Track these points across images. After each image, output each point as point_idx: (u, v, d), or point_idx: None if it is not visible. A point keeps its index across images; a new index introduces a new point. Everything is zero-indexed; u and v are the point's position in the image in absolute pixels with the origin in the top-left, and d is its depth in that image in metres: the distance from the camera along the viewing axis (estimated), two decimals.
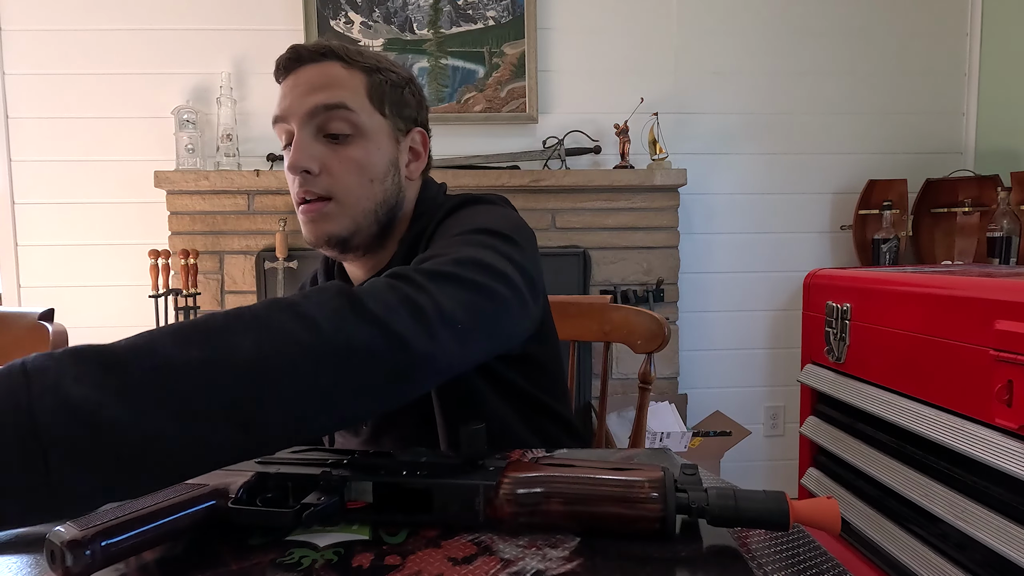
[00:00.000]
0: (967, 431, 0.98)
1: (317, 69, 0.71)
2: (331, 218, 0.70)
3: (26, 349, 0.96)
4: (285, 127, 0.72)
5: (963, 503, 0.96)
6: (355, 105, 0.70)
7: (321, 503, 0.42)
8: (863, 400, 1.30)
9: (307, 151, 0.69)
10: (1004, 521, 0.91)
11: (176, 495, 0.42)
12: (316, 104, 0.69)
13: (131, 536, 0.37)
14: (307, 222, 0.71)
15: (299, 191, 0.70)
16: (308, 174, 0.69)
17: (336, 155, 0.70)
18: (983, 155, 2.28)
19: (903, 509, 1.18)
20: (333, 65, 0.72)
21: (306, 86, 0.70)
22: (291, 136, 0.71)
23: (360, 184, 0.71)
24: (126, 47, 2.11)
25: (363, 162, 0.71)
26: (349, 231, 0.71)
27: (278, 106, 0.72)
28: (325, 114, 0.69)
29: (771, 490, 0.42)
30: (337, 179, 0.70)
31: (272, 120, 0.73)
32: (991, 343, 0.86)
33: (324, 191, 0.70)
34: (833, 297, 1.39)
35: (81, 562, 0.35)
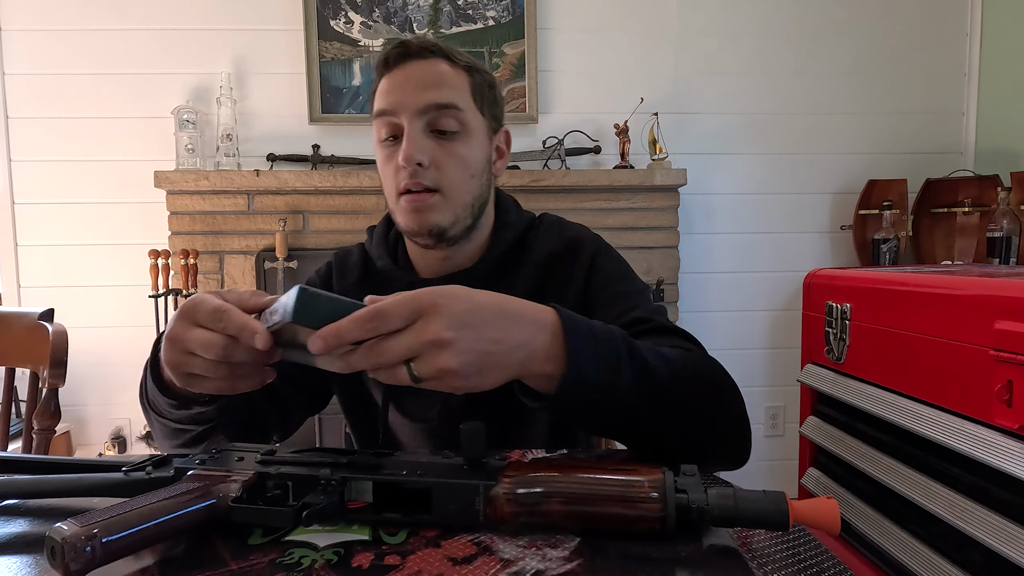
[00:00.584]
0: (967, 431, 0.98)
1: (426, 66, 0.74)
2: (436, 209, 0.73)
3: (26, 349, 0.96)
4: (391, 120, 0.73)
5: (963, 503, 0.96)
6: (463, 104, 0.74)
7: (321, 502, 0.42)
8: (863, 400, 1.30)
9: (420, 145, 0.71)
10: (1004, 521, 0.91)
11: (176, 493, 0.42)
12: (429, 102, 0.72)
13: (131, 533, 0.37)
14: (411, 211, 0.73)
15: (407, 182, 0.72)
16: (419, 166, 0.71)
17: (443, 150, 0.73)
18: (983, 155, 2.28)
19: (903, 509, 1.18)
20: (440, 63, 0.74)
21: (417, 82, 0.72)
22: (394, 129, 0.73)
23: (463, 179, 0.75)
24: (126, 47, 2.11)
25: (467, 158, 0.75)
26: (450, 222, 0.74)
27: (384, 100, 0.74)
28: (436, 112, 0.72)
29: (771, 490, 0.42)
30: (444, 173, 0.73)
31: (375, 113, 0.75)
32: (991, 343, 0.86)
33: (432, 183, 0.72)
34: (833, 297, 1.39)
35: (81, 559, 0.35)
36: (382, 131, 0.75)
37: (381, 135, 0.75)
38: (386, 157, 0.75)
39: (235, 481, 0.44)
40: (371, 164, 2.11)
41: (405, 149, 0.71)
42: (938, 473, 1.06)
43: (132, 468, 0.48)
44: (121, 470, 0.47)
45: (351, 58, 2.16)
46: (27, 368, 0.97)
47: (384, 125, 0.74)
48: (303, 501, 0.42)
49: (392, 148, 0.74)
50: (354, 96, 2.17)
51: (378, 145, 0.77)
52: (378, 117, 0.75)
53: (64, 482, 0.48)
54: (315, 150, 2.14)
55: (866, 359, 1.32)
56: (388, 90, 0.74)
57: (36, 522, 0.46)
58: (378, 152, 0.77)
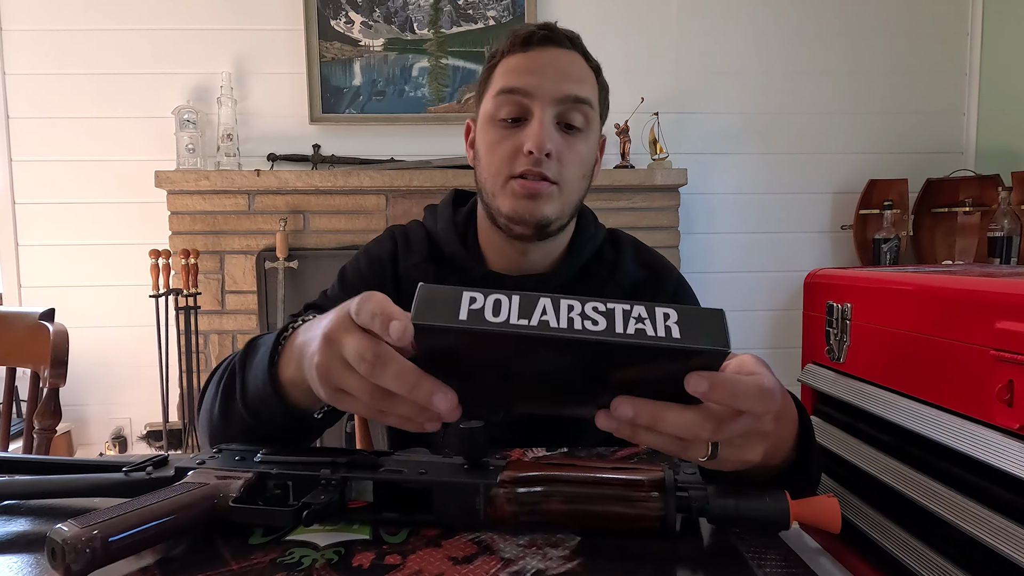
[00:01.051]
0: (967, 431, 0.98)
1: (568, 56, 0.71)
2: (550, 200, 0.71)
3: (26, 349, 0.96)
4: (521, 101, 0.70)
5: (963, 503, 0.96)
6: (594, 103, 0.72)
7: (321, 502, 0.42)
8: (863, 400, 1.30)
9: (551, 134, 0.69)
10: (1005, 521, 0.91)
11: (177, 493, 0.42)
12: (569, 93, 0.69)
13: (132, 533, 0.37)
14: (524, 196, 0.70)
15: (527, 167, 0.69)
16: (546, 156, 0.69)
17: (568, 145, 0.71)
18: (984, 155, 2.28)
19: (904, 509, 1.18)
20: (578, 57, 0.72)
21: (559, 70, 0.70)
22: (520, 110, 0.70)
23: (577, 177, 0.73)
24: (126, 47, 2.11)
25: (584, 156, 0.73)
26: (556, 216, 0.72)
27: (518, 78, 0.70)
28: (571, 104, 0.70)
29: (771, 489, 0.42)
30: (565, 167, 0.71)
31: (499, 89, 0.71)
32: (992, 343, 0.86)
33: (553, 175, 0.70)
34: (833, 297, 1.39)
35: (82, 559, 0.35)
36: (503, 109, 0.71)
37: (500, 113, 0.71)
38: (501, 137, 0.71)
39: (235, 481, 0.44)
40: (371, 164, 2.11)
41: (537, 135, 0.68)
42: (939, 473, 1.06)
43: (132, 468, 0.47)
44: (121, 470, 0.47)
45: (352, 58, 2.16)
46: (28, 368, 0.97)
47: (509, 104, 0.70)
48: (303, 501, 0.42)
49: (511, 129, 0.71)
50: (355, 96, 2.17)
51: (492, 123, 0.72)
52: (504, 94, 0.70)
53: (64, 482, 0.47)
54: (315, 150, 2.14)
55: (867, 359, 1.32)
56: (524, 70, 0.70)
57: (37, 522, 0.46)
58: (489, 130, 0.72)
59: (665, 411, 0.36)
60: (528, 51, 0.71)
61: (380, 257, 0.80)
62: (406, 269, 0.78)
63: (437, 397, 0.38)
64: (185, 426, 2.03)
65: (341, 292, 0.78)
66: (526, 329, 0.34)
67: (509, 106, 0.70)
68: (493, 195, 0.72)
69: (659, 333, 0.34)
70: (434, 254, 0.79)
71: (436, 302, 0.35)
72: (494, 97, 0.71)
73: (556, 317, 0.35)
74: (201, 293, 2.01)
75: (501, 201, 0.71)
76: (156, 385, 2.01)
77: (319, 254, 2.06)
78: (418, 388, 0.38)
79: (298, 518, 0.41)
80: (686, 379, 0.35)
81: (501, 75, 0.72)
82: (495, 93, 0.71)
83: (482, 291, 0.35)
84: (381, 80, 2.17)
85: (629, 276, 0.79)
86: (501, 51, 0.73)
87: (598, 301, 0.35)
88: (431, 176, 2.04)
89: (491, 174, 0.72)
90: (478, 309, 0.35)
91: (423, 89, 2.19)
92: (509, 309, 0.35)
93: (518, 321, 0.34)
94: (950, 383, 1.03)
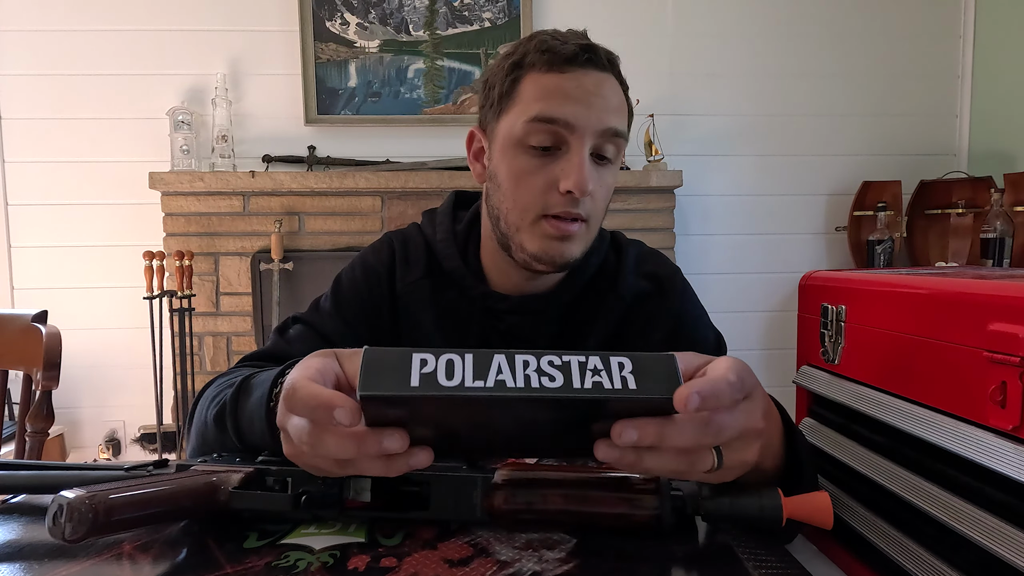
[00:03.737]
0: (961, 432, 0.98)
1: (608, 81, 0.64)
2: (579, 240, 0.66)
3: (19, 351, 0.96)
4: (558, 131, 0.62)
5: (957, 504, 0.97)
6: (627, 134, 0.67)
7: (320, 489, 0.42)
8: (858, 401, 1.31)
9: (591, 174, 0.63)
10: (998, 522, 0.91)
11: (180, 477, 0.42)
12: (610, 126, 0.63)
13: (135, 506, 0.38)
14: (555, 239, 0.64)
15: (563, 208, 0.63)
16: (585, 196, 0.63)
17: (600, 179, 0.65)
18: (976, 157, 2.29)
19: (898, 510, 1.18)
20: (616, 83, 0.66)
21: (602, 100, 0.63)
22: (556, 140, 0.63)
23: (603, 210, 0.68)
24: (120, 48, 2.10)
25: (610, 187, 0.68)
26: (581, 253, 0.67)
27: (560, 106, 0.61)
28: (610, 138, 0.64)
29: (765, 487, 0.42)
30: (596, 203, 0.66)
31: (536, 116, 0.62)
32: (985, 344, 0.86)
33: (585, 213, 0.64)
34: (828, 299, 1.40)
35: (84, 523, 0.35)
36: (537, 137, 0.63)
37: (532, 140, 0.63)
38: (532, 168, 0.63)
39: (236, 473, 0.44)
40: (366, 165, 2.11)
41: (582, 177, 0.61)
42: (933, 474, 1.07)
43: (134, 467, 0.48)
44: (124, 469, 0.48)
45: (347, 59, 2.15)
46: (20, 370, 0.97)
47: (545, 132, 0.62)
48: (302, 488, 0.42)
49: (544, 160, 0.63)
50: (350, 97, 2.17)
51: (520, 148, 0.64)
52: (541, 122, 0.62)
53: (66, 478, 0.48)
54: (311, 151, 2.13)
55: (861, 361, 1.33)
56: (565, 96, 0.62)
57: (34, 524, 0.45)
58: (516, 156, 0.64)
59: (666, 426, 0.36)
60: (567, 72, 0.62)
61: (377, 270, 0.75)
62: (403, 287, 0.74)
63: (387, 443, 0.36)
64: (179, 428, 2.02)
65: (334, 306, 0.75)
66: (482, 391, 0.33)
67: (544, 134, 0.62)
68: (517, 229, 0.66)
69: (615, 385, 0.34)
70: (433, 268, 0.75)
71: (384, 368, 0.33)
72: (528, 122, 0.63)
73: (512, 376, 0.34)
74: (196, 295, 2.00)
75: (527, 239, 0.65)
76: (150, 387, 2.00)
77: (314, 256, 2.06)
78: (365, 446, 0.36)
79: (296, 503, 0.41)
80: (675, 397, 0.34)
81: (535, 96, 0.63)
82: (530, 118, 0.62)
83: (432, 352, 0.35)
84: (376, 82, 2.17)
85: (631, 289, 0.74)
86: (530, 63, 0.64)
87: (553, 354, 0.35)
88: (427, 178, 2.04)
89: (518, 207, 0.65)
90: (430, 372, 0.34)
91: (419, 91, 2.19)
92: (463, 370, 0.34)
93: (473, 383, 0.33)
94: (944, 385, 1.03)
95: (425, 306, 0.73)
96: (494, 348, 0.36)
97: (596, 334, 0.73)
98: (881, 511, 1.27)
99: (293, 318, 0.76)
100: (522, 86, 0.64)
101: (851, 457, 1.34)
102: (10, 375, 1.00)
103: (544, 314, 0.73)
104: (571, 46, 0.63)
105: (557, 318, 0.74)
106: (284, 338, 0.73)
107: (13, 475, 0.48)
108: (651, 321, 0.74)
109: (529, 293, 0.72)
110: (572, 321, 0.74)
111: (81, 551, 0.40)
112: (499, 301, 0.73)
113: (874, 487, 1.27)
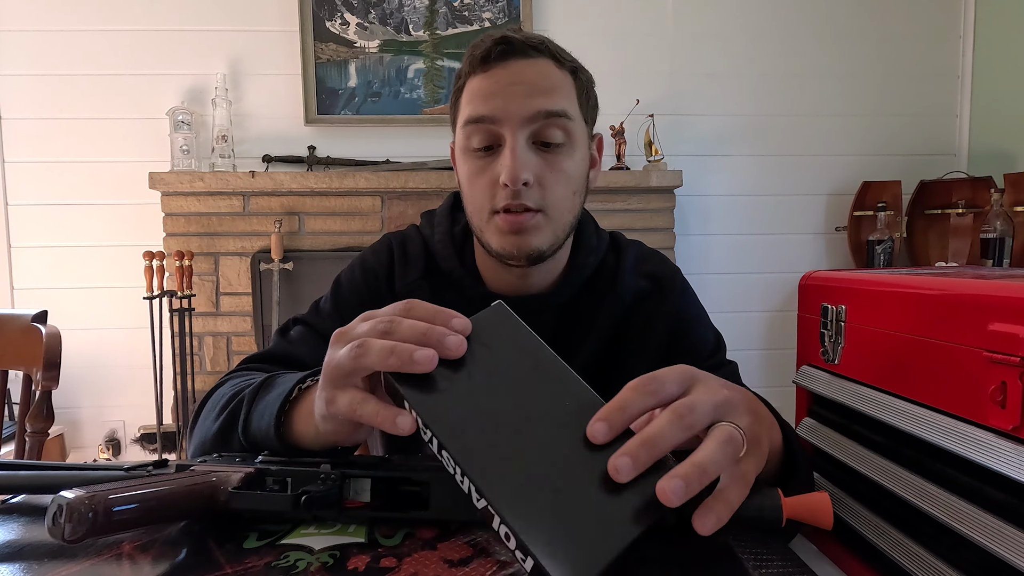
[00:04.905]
0: (961, 432, 0.98)
1: (533, 66, 0.64)
2: (539, 231, 0.65)
3: (19, 351, 0.96)
4: (489, 128, 0.64)
5: (957, 503, 0.97)
6: (572, 112, 0.65)
7: (321, 489, 0.42)
8: (858, 401, 1.31)
9: (525, 162, 0.63)
10: (998, 522, 0.91)
11: (180, 477, 0.42)
12: (539, 109, 0.63)
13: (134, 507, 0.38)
14: (509, 233, 0.65)
15: (507, 202, 0.64)
16: (524, 186, 0.63)
17: (549, 165, 0.64)
18: (976, 157, 2.29)
19: (898, 510, 1.18)
20: (547, 63, 0.65)
21: (525, 86, 0.63)
22: (491, 138, 0.64)
23: (566, 197, 0.66)
24: (120, 48, 2.10)
25: (571, 173, 0.66)
26: (550, 245, 0.67)
27: (483, 104, 0.63)
28: (544, 121, 0.63)
29: (765, 487, 0.42)
30: (548, 191, 0.65)
31: (466, 119, 0.65)
32: (984, 344, 0.86)
33: (535, 203, 0.64)
34: (828, 299, 1.40)
35: (84, 523, 0.35)
36: (474, 139, 0.65)
37: (472, 144, 0.65)
38: (477, 169, 0.65)
39: (236, 473, 0.44)
40: (366, 165, 2.11)
41: (510, 167, 0.62)
42: (933, 474, 1.07)
43: (133, 467, 0.48)
44: (123, 469, 0.48)
45: (347, 59, 2.15)
46: (20, 370, 0.97)
47: (478, 133, 0.64)
48: (303, 488, 0.42)
49: (486, 159, 0.65)
50: (350, 97, 2.17)
51: (466, 154, 0.67)
52: (471, 124, 0.64)
53: (66, 478, 0.48)
54: (311, 151, 2.14)
55: (861, 361, 1.33)
56: (487, 93, 0.63)
57: (31, 526, 0.45)
58: (464, 162, 0.67)
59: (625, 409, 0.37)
60: (488, 70, 0.64)
61: (376, 271, 0.76)
62: (403, 287, 0.74)
63: (455, 321, 0.43)
64: (179, 428, 2.02)
65: (334, 307, 0.76)
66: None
67: (479, 135, 0.65)
68: (481, 230, 0.68)
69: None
70: (431, 269, 0.75)
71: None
72: (462, 127, 0.66)
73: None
74: (196, 295, 2.00)
75: (489, 236, 0.67)
76: (150, 388, 2.00)
77: (314, 256, 2.06)
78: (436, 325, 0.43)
79: (296, 503, 0.41)
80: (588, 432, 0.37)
81: (467, 101, 0.66)
82: (463, 123, 0.66)
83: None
84: (376, 82, 2.17)
85: (630, 288, 0.74)
86: (464, 72, 0.67)
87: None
88: (427, 178, 2.04)
89: (475, 209, 0.68)
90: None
91: (419, 91, 2.19)
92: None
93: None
94: (943, 385, 1.03)
95: None
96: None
97: (595, 334, 0.73)
98: (881, 511, 1.27)
99: (294, 320, 0.76)
100: (462, 97, 0.67)
101: (851, 457, 1.34)
102: (10, 375, 1.00)
103: (541, 315, 0.73)
104: (487, 43, 0.64)
105: (555, 318, 0.74)
106: (286, 339, 0.74)
107: (13, 475, 0.48)
108: (651, 321, 0.74)
109: (525, 293, 0.72)
110: (571, 321, 0.74)
111: (81, 551, 0.40)
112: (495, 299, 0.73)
113: (874, 487, 1.27)
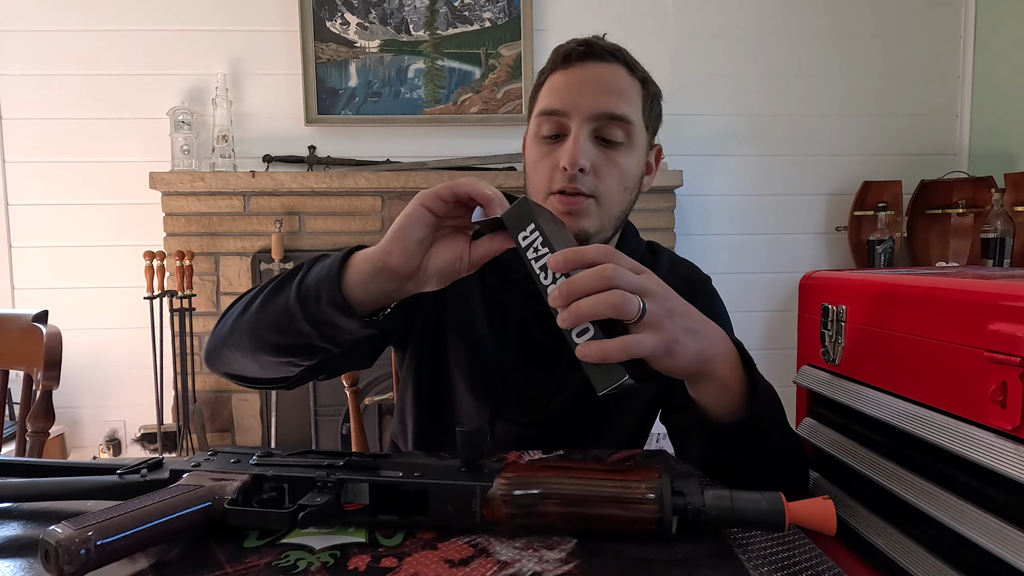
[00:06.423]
0: (961, 432, 0.98)
1: (606, 70, 0.72)
2: (588, 214, 0.71)
3: (19, 351, 0.96)
4: (558, 120, 0.71)
5: (958, 504, 0.97)
6: (634, 117, 0.72)
7: (317, 504, 0.41)
8: (858, 402, 1.30)
9: (585, 150, 0.70)
10: (1000, 523, 0.91)
11: (172, 495, 0.41)
12: (603, 110, 0.70)
13: (126, 536, 0.37)
14: (562, 213, 0.71)
15: (563, 184, 0.70)
16: (580, 171, 0.70)
17: (606, 159, 0.71)
18: (977, 157, 2.29)
19: (899, 510, 1.18)
20: (620, 69, 0.72)
21: (597, 86, 0.71)
22: (559, 128, 0.71)
23: (618, 190, 0.73)
24: (121, 48, 2.10)
25: (626, 170, 0.73)
26: (596, 230, 0.73)
27: (556, 98, 0.71)
28: (608, 120, 0.70)
29: (767, 491, 0.42)
30: (602, 181, 0.71)
31: (540, 110, 0.73)
32: (985, 344, 0.86)
33: (588, 189, 0.70)
34: (828, 299, 1.40)
35: (76, 562, 0.35)
36: (544, 127, 0.72)
37: (542, 131, 0.73)
38: (543, 154, 0.73)
39: (231, 483, 0.44)
40: (366, 165, 2.11)
41: (571, 152, 0.69)
42: (934, 474, 1.07)
43: (127, 471, 0.47)
44: (116, 473, 0.47)
45: (347, 59, 2.15)
46: (21, 370, 0.97)
47: (548, 122, 0.72)
48: (299, 503, 0.42)
49: (551, 146, 0.72)
50: (350, 97, 2.17)
51: (535, 140, 0.74)
52: (544, 115, 0.72)
53: (58, 485, 0.47)
54: (311, 151, 2.14)
55: (861, 361, 1.32)
56: (562, 88, 0.71)
57: (30, 525, 0.45)
58: (533, 147, 0.75)
59: (580, 256, 0.48)
60: (568, 68, 0.72)
61: None
62: None
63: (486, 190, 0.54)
64: (180, 428, 2.02)
65: None
66: None
67: (548, 124, 0.72)
68: None
69: None
70: None
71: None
72: (536, 117, 0.74)
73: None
74: (196, 295, 2.00)
75: None
76: (150, 387, 2.00)
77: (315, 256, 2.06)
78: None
79: (294, 520, 0.41)
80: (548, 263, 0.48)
81: (544, 94, 0.74)
82: (537, 113, 0.73)
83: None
84: (377, 81, 2.17)
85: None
86: (547, 69, 0.75)
87: None
88: (427, 177, 2.04)
89: (535, 190, 0.74)
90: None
91: (419, 91, 2.19)
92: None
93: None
94: (944, 385, 1.03)
95: (474, 283, 0.79)
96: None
97: None
98: (881, 511, 1.27)
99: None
100: (541, 91, 0.75)
101: (851, 457, 1.34)
102: (11, 375, 1.00)
103: None
104: (571, 44, 0.73)
105: None
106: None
107: (5, 483, 0.47)
108: None
109: None
110: None
111: None
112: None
113: (874, 487, 1.27)
